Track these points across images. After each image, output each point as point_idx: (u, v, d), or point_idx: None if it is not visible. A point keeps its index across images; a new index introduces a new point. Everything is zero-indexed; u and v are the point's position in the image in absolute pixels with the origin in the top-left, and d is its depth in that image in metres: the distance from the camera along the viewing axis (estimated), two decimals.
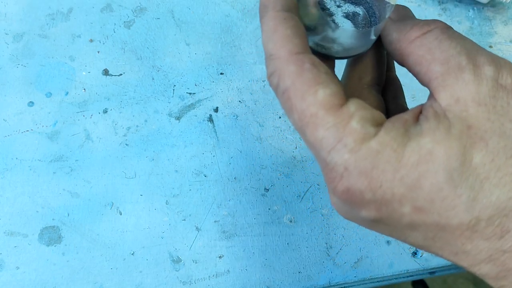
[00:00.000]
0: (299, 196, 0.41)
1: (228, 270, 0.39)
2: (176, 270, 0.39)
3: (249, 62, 0.44)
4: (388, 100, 0.25)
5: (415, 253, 0.40)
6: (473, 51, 0.19)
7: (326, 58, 0.24)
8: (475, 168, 0.18)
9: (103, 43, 0.44)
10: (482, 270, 0.19)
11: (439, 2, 0.47)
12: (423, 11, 0.47)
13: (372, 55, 0.24)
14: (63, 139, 0.41)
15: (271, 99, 0.43)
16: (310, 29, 0.22)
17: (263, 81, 0.43)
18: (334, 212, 0.41)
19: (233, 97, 0.43)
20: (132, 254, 0.39)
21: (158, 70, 0.43)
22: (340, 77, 0.25)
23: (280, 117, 0.43)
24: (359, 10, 0.24)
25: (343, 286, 0.40)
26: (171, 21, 0.45)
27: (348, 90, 0.24)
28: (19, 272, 0.38)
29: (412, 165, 0.18)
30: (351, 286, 0.40)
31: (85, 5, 0.45)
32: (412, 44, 0.21)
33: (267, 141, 0.42)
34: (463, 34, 0.21)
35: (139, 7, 0.45)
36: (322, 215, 0.40)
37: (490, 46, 0.46)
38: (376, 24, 0.23)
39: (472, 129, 0.18)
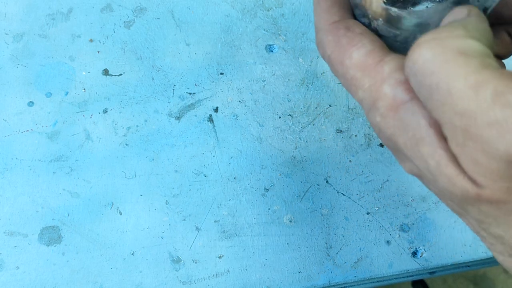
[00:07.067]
0: (299, 196, 0.41)
1: (228, 270, 0.39)
2: (176, 270, 0.39)
3: (249, 62, 0.44)
4: None
5: (415, 253, 0.40)
6: None
7: None
8: None
9: (103, 43, 0.44)
10: None
11: None
12: None
13: None
14: (63, 139, 0.41)
15: (271, 99, 0.43)
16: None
17: (263, 81, 0.43)
18: (334, 212, 0.41)
19: (233, 97, 0.43)
20: (132, 254, 0.39)
21: (158, 70, 0.43)
22: None
23: (280, 117, 0.43)
24: None
25: (343, 286, 0.40)
26: (171, 21, 0.45)
27: None
28: (19, 272, 0.38)
29: None
30: (351, 286, 0.40)
31: (85, 5, 0.45)
32: None
33: (267, 141, 0.42)
34: None
35: (139, 7, 0.45)
36: (322, 215, 0.40)
37: None
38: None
39: None
